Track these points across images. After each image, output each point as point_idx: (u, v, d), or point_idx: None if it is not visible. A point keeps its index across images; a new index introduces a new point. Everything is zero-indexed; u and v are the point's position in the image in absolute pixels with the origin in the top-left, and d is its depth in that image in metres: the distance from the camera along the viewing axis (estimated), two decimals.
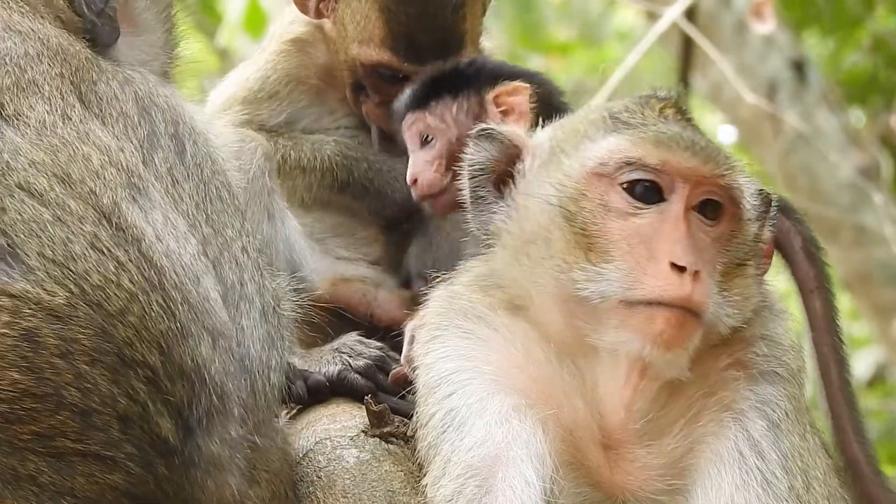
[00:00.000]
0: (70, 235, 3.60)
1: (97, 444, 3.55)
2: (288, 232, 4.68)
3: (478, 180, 3.80)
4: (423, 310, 3.92)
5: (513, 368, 3.72)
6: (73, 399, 3.52)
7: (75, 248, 3.59)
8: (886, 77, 11.69)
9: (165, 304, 3.64)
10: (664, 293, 3.50)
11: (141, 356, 3.58)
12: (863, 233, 10.61)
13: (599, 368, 3.63)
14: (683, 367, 3.59)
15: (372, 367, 4.41)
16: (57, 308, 3.54)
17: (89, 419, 3.54)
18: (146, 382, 3.59)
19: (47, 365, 3.52)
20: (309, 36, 4.89)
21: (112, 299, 3.58)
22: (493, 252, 3.81)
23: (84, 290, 3.56)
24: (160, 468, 3.60)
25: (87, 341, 3.55)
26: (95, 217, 3.64)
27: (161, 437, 3.60)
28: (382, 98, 4.75)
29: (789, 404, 3.68)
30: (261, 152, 4.67)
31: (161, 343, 3.61)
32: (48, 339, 3.53)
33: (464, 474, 3.62)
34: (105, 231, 3.63)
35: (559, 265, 3.59)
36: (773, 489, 3.58)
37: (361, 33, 4.69)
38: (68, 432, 3.53)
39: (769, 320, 3.77)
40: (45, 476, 3.53)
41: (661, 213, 3.59)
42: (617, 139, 3.66)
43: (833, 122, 10.97)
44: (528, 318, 3.74)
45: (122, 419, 3.56)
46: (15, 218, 3.58)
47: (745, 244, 3.71)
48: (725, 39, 10.63)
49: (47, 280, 3.55)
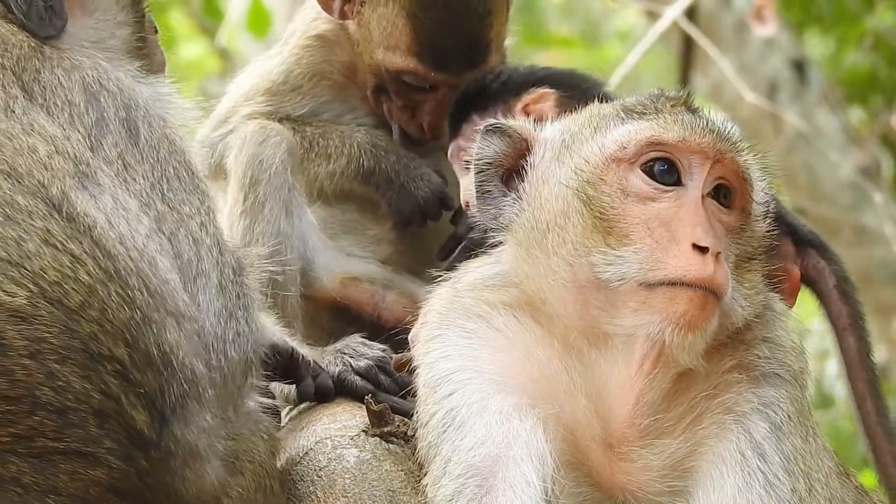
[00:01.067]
0: (22, 233, 3.56)
1: (76, 442, 3.53)
2: (304, 228, 4.69)
3: (485, 175, 3.80)
4: (426, 308, 3.92)
5: (514, 368, 3.72)
6: (47, 398, 3.50)
7: (29, 247, 3.55)
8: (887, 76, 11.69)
9: (124, 293, 3.60)
10: (687, 273, 3.50)
11: (108, 350, 3.55)
12: (863, 232, 10.62)
13: (611, 360, 3.62)
14: (698, 353, 3.59)
15: (373, 367, 4.41)
16: (19, 308, 3.51)
17: (66, 417, 3.52)
18: (116, 376, 3.56)
19: (18, 367, 3.50)
20: (332, 34, 4.87)
21: (71, 294, 3.54)
22: (502, 251, 3.81)
23: (43, 287, 3.53)
24: (140, 461, 3.58)
25: (54, 339, 3.52)
26: (46, 210, 3.60)
27: (137, 430, 3.58)
28: (405, 103, 4.74)
29: (791, 406, 3.68)
30: (285, 146, 4.67)
31: (125, 334, 3.58)
32: (15, 340, 3.50)
33: (464, 474, 3.61)
34: (57, 224, 3.59)
35: (577, 250, 3.59)
36: (776, 491, 3.57)
37: (388, 39, 4.68)
38: (47, 432, 3.51)
39: (770, 323, 3.77)
40: (27, 477, 3.51)
41: (679, 198, 3.61)
42: (636, 124, 3.70)
43: (833, 121, 10.98)
44: (534, 316, 3.72)
45: (98, 414, 3.54)
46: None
47: (755, 238, 3.73)
48: (726, 39, 10.64)
49: (5, 281, 3.51)
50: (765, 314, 3.76)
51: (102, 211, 3.67)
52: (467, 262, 3.94)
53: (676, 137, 3.64)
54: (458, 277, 3.89)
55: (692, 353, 3.58)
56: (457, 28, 4.62)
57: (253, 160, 4.66)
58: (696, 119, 3.72)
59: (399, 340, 4.33)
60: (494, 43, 4.70)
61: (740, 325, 3.69)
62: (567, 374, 3.68)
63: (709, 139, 3.66)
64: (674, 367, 3.61)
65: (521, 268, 3.73)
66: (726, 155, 3.67)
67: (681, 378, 3.65)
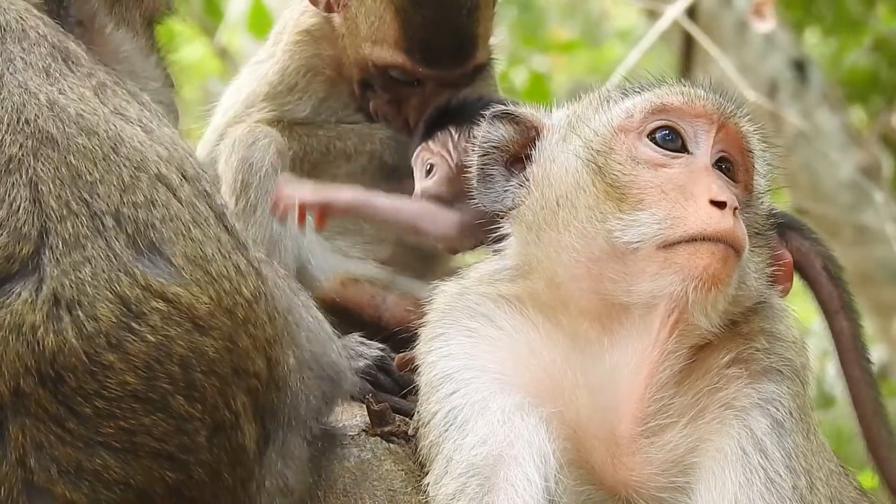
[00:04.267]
0: (203, 237, 3.55)
1: (178, 447, 3.47)
2: (297, 229, 4.68)
3: (488, 158, 3.80)
4: (429, 306, 3.92)
5: (518, 367, 3.72)
6: (176, 405, 3.45)
7: (208, 251, 3.53)
8: (887, 76, 11.70)
9: (269, 312, 3.60)
10: (707, 226, 3.50)
11: (251, 366, 3.53)
12: (863, 232, 10.62)
13: (623, 343, 3.61)
14: (718, 315, 3.58)
15: (372, 367, 4.41)
16: (200, 317, 3.48)
17: (182, 424, 3.46)
18: (249, 392, 3.54)
19: (164, 374, 3.45)
20: (319, 28, 4.86)
21: (238, 307, 3.53)
22: (507, 244, 3.82)
23: (220, 296, 3.50)
24: (226, 477, 3.53)
25: (213, 353, 3.48)
26: (215, 219, 3.61)
27: (242, 445, 3.54)
28: (392, 97, 4.74)
29: (793, 402, 3.67)
30: (273, 149, 4.67)
31: (267, 352, 3.56)
32: (179, 348, 3.46)
33: (466, 473, 3.61)
34: (224, 234, 3.60)
35: (591, 219, 3.59)
36: (777, 488, 3.57)
37: (375, 34, 4.67)
38: (155, 433, 3.46)
39: (769, 316, 3.77)
40: (110, 472, 3.44)
41: (688, 164, 3.62)
42: (640, 96, 3.74)
43: (834, 121, 10.99)
44: (542, 309, 3.72)
45: (214, 427, 3.50)
46: (163, 213, 3.52)
47: (759, 215, 3.75)
48: (726, 38, 10.64)
49: (192, 284, 3.48)
50: (763, 308, 3.76)
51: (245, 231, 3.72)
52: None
53: (681, 101, 3.68)
54: (464, 274, 3.89)
55: (713, 313, 3.57)
56: (445, 23, 4.61)
57: (242, 164, 4.65)
58: (698, 87, 3.76)
59: (399, 340, 4.33)
60: (481, 38, 4.70)
61: (749, 304, 3.69)
62: (572, 372, 3.68)
63: (712, 101, 3.70)
64: (690, 336, 3.61)
65: (530, 252, 3.73)
66: (731, 118, 3.70)
67: (686, 370, 3.65)
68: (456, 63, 4.65)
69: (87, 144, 3.56)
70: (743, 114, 3.76)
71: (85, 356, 3.42)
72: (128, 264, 3.46)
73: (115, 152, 3.57)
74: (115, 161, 3.56)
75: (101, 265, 3.45)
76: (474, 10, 4.64)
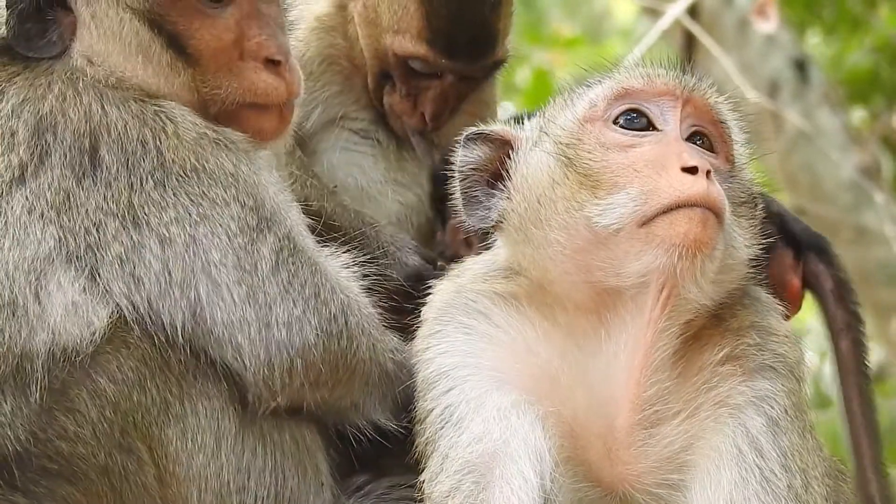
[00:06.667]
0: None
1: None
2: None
3: (469, 181, 3.82)
4: (426, 304, 3.92)
5: (514, 364, 3.72)
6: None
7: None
8: (888, 76, 11.70)
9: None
10: (681, 193, 3.50)
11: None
12: (863, 232, 10.63)
13: (620, 332, 3.61)
14: (709, 285, 3.58)
15: None
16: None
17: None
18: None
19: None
20: (333, 17, 4.83)
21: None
22: (499, 242, 3.84)
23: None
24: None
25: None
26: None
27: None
28: (409, 90, 4.73)
29: (788, 400, 3.67)
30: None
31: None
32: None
33: (461, 470, 3.62)
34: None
35: (569, 210, 3.60)
36: (772, 487, 3.57)
37: (398, 23, 4.63)
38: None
39: (758, 310, 3.77)
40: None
41: (659, 141, 3.64)
42: (601, 85, 3.77)
43: (834, 121, 10.99)
44: (538, 306, 3.73)
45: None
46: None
47: (741, 185, 3.74)
48: (727, 37, 10.64)
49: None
50: (753, 303, 3.77)
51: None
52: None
53: (641, 83, 3.70)
54: (460, 272, 3.90)
55: (703, 281, 3.56)
56: (468, 16, 4.60)
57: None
58: (657, 67, 3.78)
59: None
60: (502, 34, 4.69)
61: (741, 272, 3.69)
62: (570, 370, 3.68)
63: (672, 78, 3.71)
64: (683, 311, 3.61)
65: (520, 251, 3.74)
66: (694, 91, 3.71)
67: (680, 367, 3.65)
68: (477, 56, 4.64)
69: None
70: (708, 85, 3.76)
71: None
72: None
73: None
74: None
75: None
76: (497, 5, 4.63)
